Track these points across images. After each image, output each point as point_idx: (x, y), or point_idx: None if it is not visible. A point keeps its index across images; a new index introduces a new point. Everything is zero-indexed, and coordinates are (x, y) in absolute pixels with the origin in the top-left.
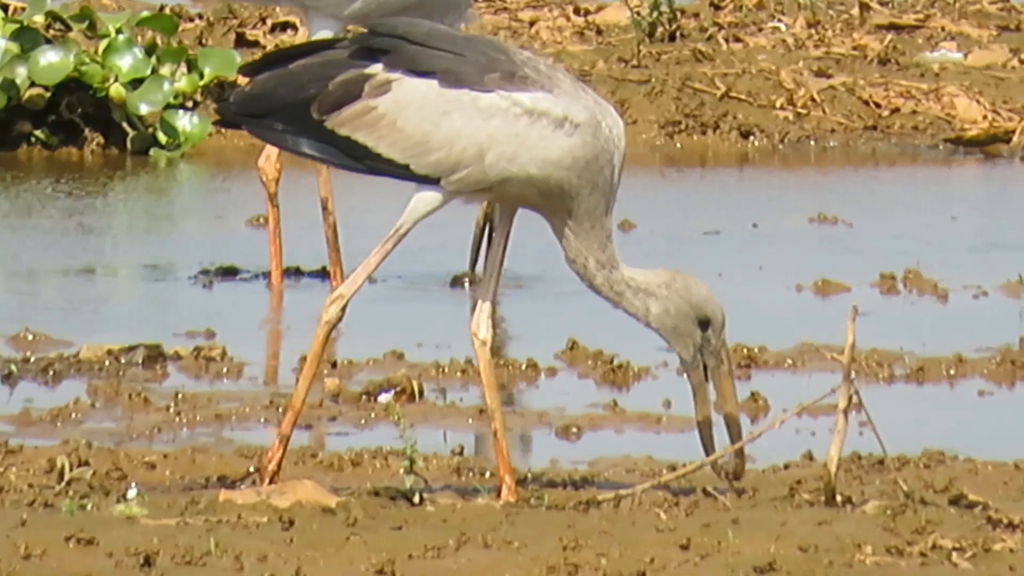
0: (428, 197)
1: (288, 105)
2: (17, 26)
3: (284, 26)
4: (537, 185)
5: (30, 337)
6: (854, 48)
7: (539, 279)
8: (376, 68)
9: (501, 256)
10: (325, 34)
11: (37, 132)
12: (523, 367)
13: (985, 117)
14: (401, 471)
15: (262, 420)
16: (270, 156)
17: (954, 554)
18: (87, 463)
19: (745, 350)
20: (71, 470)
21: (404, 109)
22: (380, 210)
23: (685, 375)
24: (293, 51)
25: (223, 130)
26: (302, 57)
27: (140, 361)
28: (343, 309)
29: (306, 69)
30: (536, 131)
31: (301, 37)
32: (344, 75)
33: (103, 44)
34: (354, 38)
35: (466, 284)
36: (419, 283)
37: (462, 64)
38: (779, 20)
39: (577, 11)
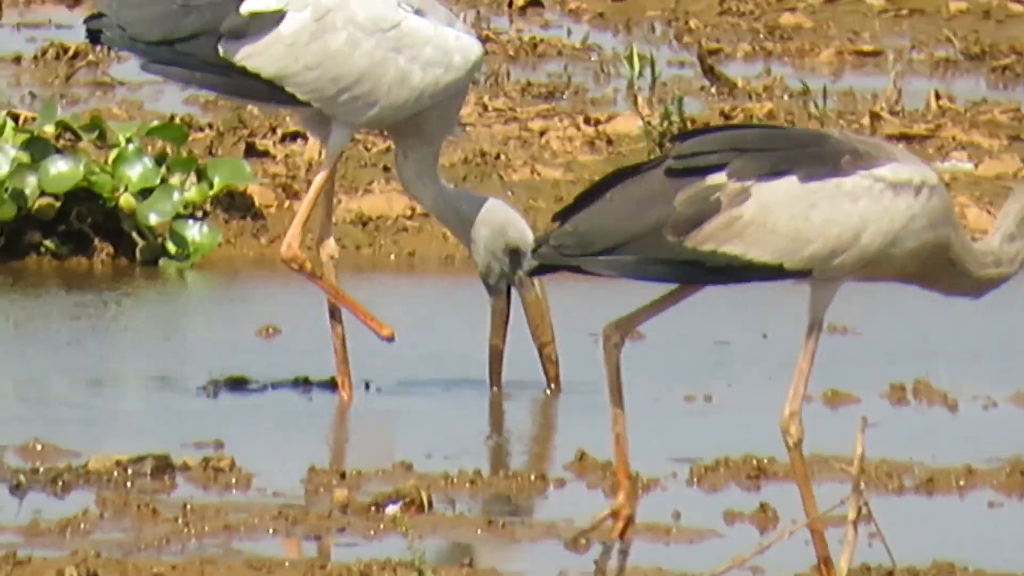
0: None
1: (633, 235)
2: (27, 136)
3: (295, 136)
4: (917, 255)
5: (39, 447)
6: None
7: (546, 388)
8: (719, 178)
9: None
10: (342, 142)
11: (47, 242)
12: (532, 478)
13: None
14: None
15: (271, 531)
16: (291, 244)
17: None
18: (96, 574)
19: (755, 460)
20: None
21: (771, 211)
22: (388, 319)
23: None
24: (601, 185)
25: (232, 240)
26: (611, 188)
27: (149, 472)
28: None
29: (633, 197)
30: (903, 201)
31: (311, 148)
32: (686, 193)
33: (113, 154)
34: (660, 158)
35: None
36: (428, 394)
37: (809, 156)
38: None
39: (588, 120)
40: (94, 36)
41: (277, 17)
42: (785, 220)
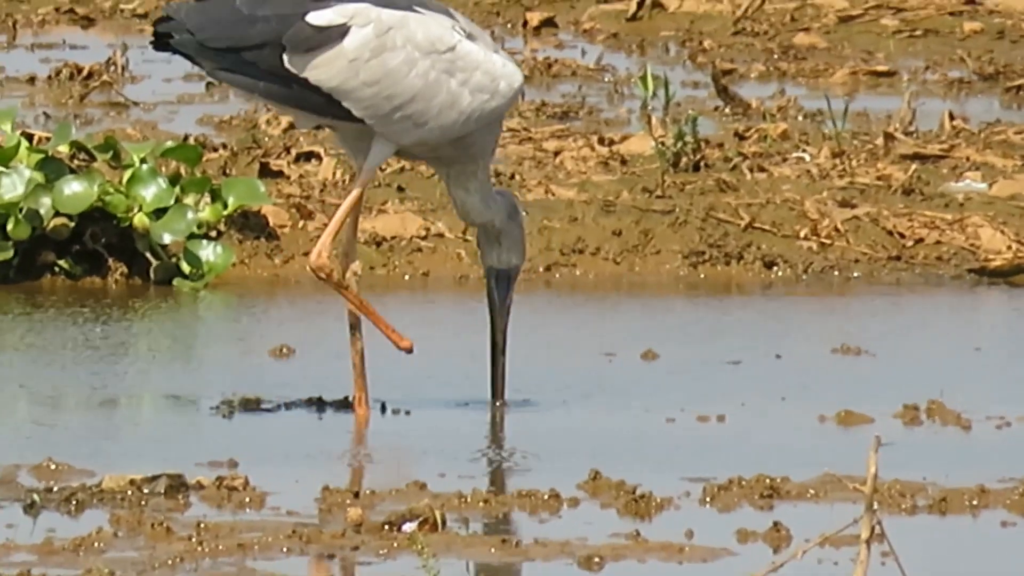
0: None
1: None
2: (42, 156)
3: (308, 156)
4: None
5: (53, 467)
6: (878, 178)
7: (560, 407)
8: None
9: None
10: (382, 159)
11: (61, 262)
12: (545, 497)
13: (1009, 248)
14: None
15: (284, 550)
16: (320, 252)
17: None
18: None
19: (768, 480)
20: None
21: None
22: (408, 334)
23: None
24: None
25: (246, 260)
26: None
27: (162, 491)
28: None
29: None
30: None
31: (325, 167)
32: None
33: (127, 174)
34: None
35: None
36: (442, 414)
37: None
38: (804, 150)
39: (602, 141)
40: (161, 40)
41: (342, 31)
42: None
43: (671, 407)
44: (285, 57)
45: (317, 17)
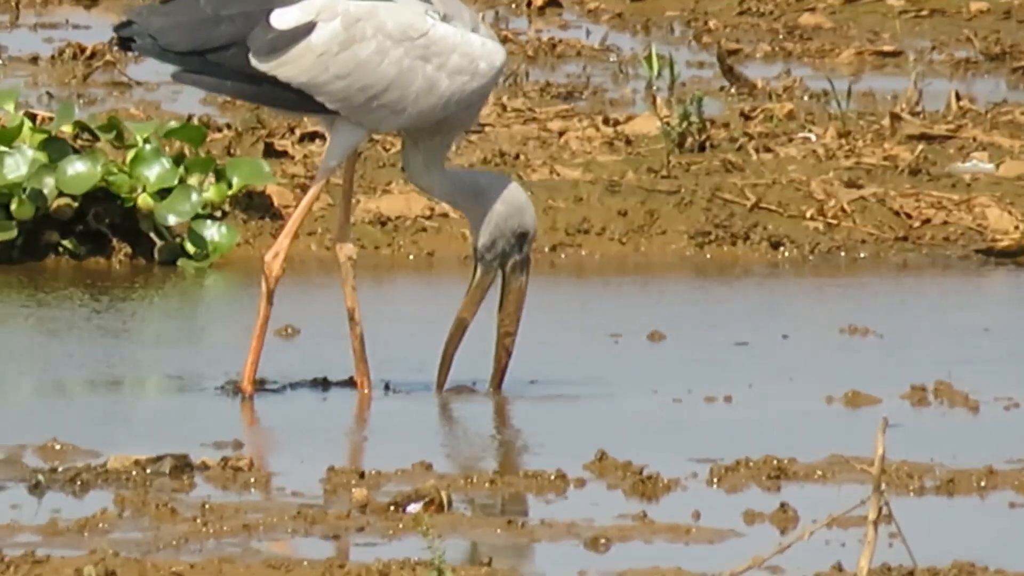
0: None
1: None
2: (45, 136)
3: (313, 136)
4: None
5: (57, 447)
6: (885, 158)
7: (566, 388)
8: None
9: None
10: (353, 142)
11: (65, 242)
12: (551, 478)
13: (1016, 228)
14: None
15: (289, 531)
16: (278, 254)
17: None
18: (114, 573)
19: (775, 462)
20: None
21: None
22: (407, 319)
23: None
24: None
25: (251, 240)
26: None
27: (167, 471)
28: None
29: None
30: None
31: None
32: None
33: (131, 154)
34: None
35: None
36: (446, 393)
37: None
38: (810, 130)
39: (607, 121)
40: (125, 44)
41: (307, 27)
42: None
43: (678, 388)
44: (251, 57)
45: (282, 18)
